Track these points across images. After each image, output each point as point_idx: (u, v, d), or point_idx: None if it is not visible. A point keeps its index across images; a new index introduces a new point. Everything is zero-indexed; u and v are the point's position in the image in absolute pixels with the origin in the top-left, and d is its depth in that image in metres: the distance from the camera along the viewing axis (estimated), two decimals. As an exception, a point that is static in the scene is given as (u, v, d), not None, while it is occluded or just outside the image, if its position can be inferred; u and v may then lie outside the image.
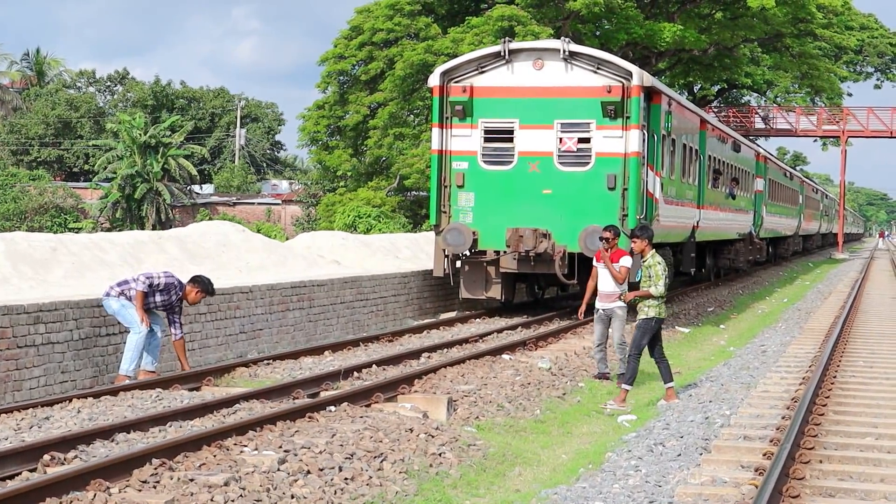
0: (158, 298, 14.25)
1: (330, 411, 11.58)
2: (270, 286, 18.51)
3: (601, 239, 16.20)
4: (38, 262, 17.98)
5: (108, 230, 58.67)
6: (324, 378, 13.81)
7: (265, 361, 15.51)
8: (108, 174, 68.91)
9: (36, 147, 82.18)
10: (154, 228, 58.91)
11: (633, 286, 15.67)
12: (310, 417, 11.19)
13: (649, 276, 14.00)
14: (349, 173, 50.59)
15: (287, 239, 43.12)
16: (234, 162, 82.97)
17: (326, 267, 24.28)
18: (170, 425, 10.58)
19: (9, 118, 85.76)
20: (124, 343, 14.14)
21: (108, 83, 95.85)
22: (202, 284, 14.75)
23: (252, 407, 11.77)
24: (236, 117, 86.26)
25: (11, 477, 8.62)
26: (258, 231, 44.70)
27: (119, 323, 14.30)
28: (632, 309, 15.32)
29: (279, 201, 71.97)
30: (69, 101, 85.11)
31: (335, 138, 51.15)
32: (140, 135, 66.53)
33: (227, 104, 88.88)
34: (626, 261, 15.72)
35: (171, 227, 52.46)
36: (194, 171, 71.54)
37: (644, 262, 14.11)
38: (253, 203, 71.85)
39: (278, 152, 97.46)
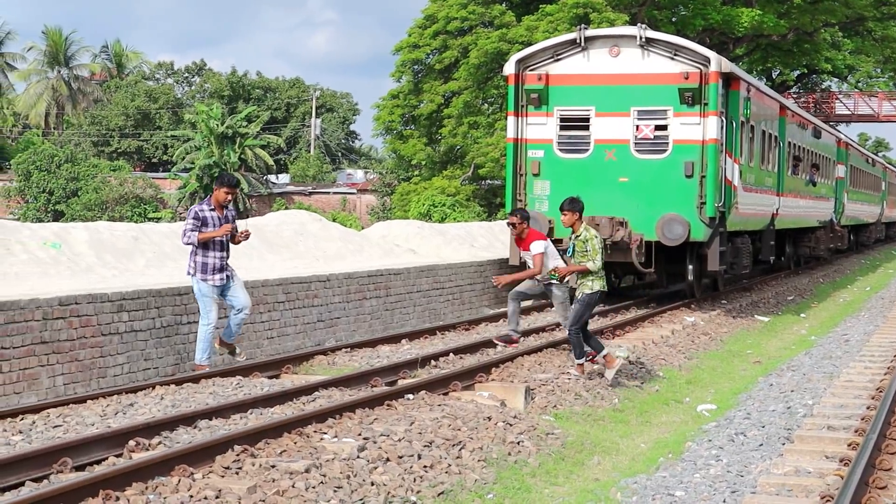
0: (211, 227, 13.82)
1: (408, 399, 11.62)
2: (348, 275, 18.59)
3: (508, 224, 14.90)
4: (120, 251, 18.22)
5: (187, 220, 59.21)
6: (401, 366, 13.84)
7: (343, 349, 15.58)
8: (187, 164, 69.61)
9: (116, 138, 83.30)
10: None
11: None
12: (388, 405, 11.23)
13: (585, 251, 13.55)
14: (423, 162, 50.64)
15: (362, 228, 43.30)
16: (309, 152, 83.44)
17: (402, 256, 24.34)
18: (251, 412, 10.67)
19: (90, 110, 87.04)
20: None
21: (186, 74, 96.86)
22: (217, 181, 14.15)
23: (331, 395, 11.83)
24: (311, 107, 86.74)
25: (98, 462, 8.74)
26: (333, 220, 44.95)
27: (197, 311, 14.44)
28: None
29: (354, 190, 72.24)
30: (148, 93, 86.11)
31: (410, 127, 51.23)
32: (217, 125, 67.10)
33: (303, 94, 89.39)
34: (537, 246, 14.78)
35: (248, 217, 52.88)
36: (270, 161, 72.04)
37: (577, 236, 13.63)
38: (328, 192, 72.16)
39: (353, 142, 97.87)
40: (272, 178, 75.67)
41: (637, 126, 21.29)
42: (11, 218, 58.63)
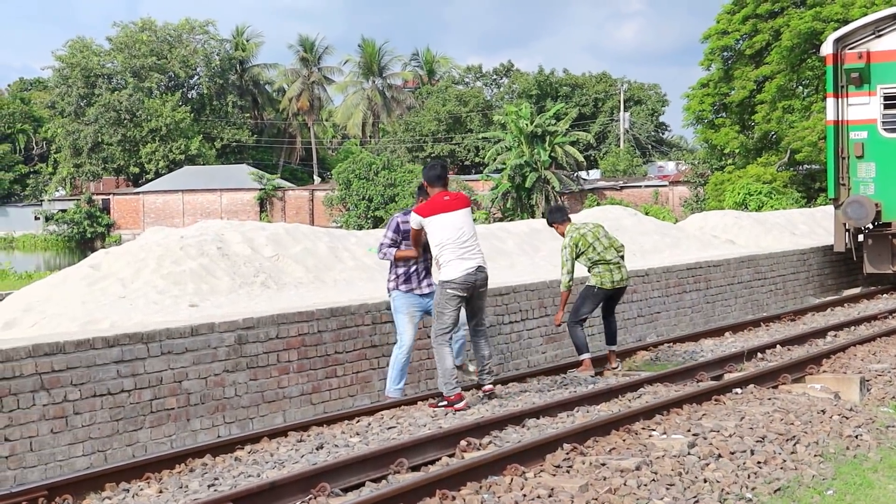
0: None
1: (736, 393, 11.38)
2: (666, 269, 18.38)
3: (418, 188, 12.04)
4: (440, 253, 18.64)
5: (500, 220, 60.25)
6: (726, 360, 13.58)
7: (665, 344, 15.43)
8: (498, 165, 70.73)
9: (429, 143, 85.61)
10: (543, 216, 59.82)
11: None
12: (716, 400, 11.02)
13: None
14: (737, 150, 49.64)
15: (676, 220, 42.79)
16: (619, 146, 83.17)
17: (720, 247, 23.89)
18: (577, 410, 10.69)
19: (404, 117, 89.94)
20: (526, 331, 14.42)
21: (494, 76, 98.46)
22: (420, 189, 12.00)
23: (656, 390, 11.72)
24: (619, 101, 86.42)
25: (432, 462, 8.95)
26: (647, 214, 44.61)
27: (519, 311, 14.59)
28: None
29: (666, 183, 71.48)
30: (458, 97, 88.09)
31: (721, 116, 50.33)
32: (527, 125, 67.83)
33: (610, 88, 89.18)
34: (412, 219, 11.62)
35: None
36: (580, 158, 72.22)
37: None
38: (640, 186, 71.74)
39: (663, 133, 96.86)
40: (583, 174, 75.94)
41: (969, 100, 20.23)
42: (335, 225, 61.29)
